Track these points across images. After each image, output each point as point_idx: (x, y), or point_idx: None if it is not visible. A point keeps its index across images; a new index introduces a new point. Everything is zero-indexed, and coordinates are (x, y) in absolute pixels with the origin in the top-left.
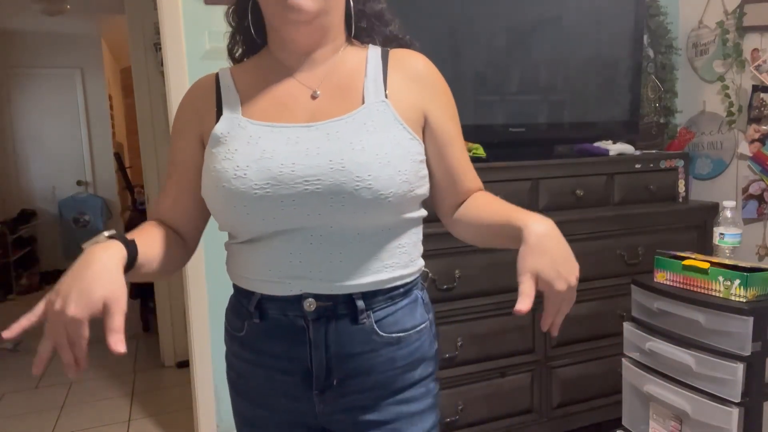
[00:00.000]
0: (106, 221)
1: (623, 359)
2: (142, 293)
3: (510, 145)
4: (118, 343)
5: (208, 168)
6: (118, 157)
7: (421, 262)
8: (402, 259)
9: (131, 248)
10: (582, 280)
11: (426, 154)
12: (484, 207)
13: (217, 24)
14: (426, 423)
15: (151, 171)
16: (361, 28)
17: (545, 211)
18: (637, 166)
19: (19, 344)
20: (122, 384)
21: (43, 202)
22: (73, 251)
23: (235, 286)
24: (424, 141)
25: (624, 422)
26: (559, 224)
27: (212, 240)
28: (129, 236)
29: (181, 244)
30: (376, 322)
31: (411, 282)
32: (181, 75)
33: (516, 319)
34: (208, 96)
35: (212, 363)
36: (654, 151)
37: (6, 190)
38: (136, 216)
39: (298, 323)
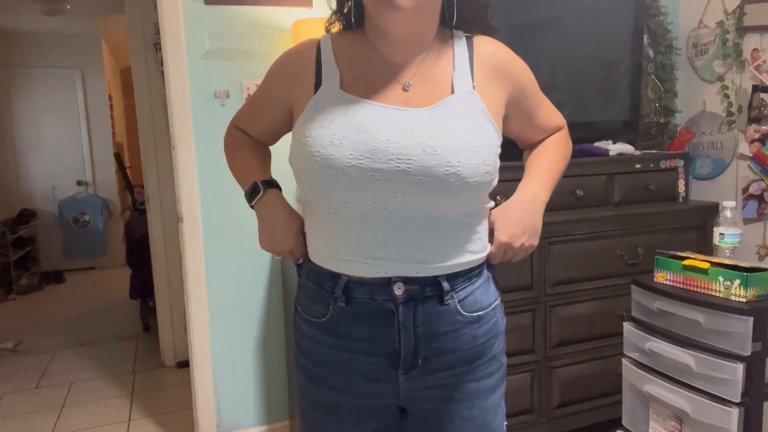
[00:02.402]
0: (105, 221)
1: (623, 359)
2: (142, 293)
3: (510, 145)
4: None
5: (301, 134)
6: (118, 157)
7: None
8: (478, 245)
9: (279, 187)
10: (582, 280)
11: (513, 121)
12: (529, 165)
13: (217, 24)
14: (498, 395)
15: (151, 171)
16: (463, 18)
17: (545, 211)
18: (637, 166)
19: (18, 344)
20: (122, 384)
21: (43, 202)
22: (73, 251)
23: (315, 272)
24: (511, 117)
25: (624, 422)
26: (559, 224)
27: (212, 240)
28: (256, 161)
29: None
30: (458, 302)
31: (483, 262)
32: (181, 75)
33: (516, 319)
34: (308, 63)
35: (212, 363)
36: (654, 151)
37: (6, 190)
38: (136, 216)
39: (386, 306)
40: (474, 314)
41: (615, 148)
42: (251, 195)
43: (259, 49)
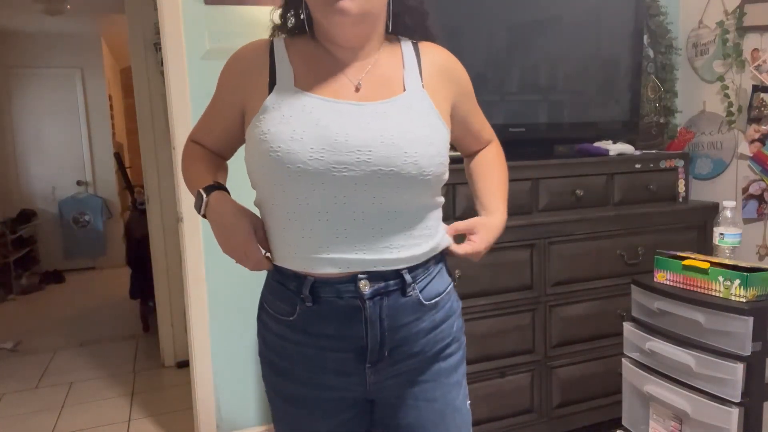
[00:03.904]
0: (105, 221)
1: (623, 359)
2: (142, 293)
3: (510, 145)
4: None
5: (260, 131)
6: (118, 157)
7: (443, 238)
8: (432, 237)
9: (225, 189)
10: (582, 280)
11: (454, 125)
12: (479, 175)
13: (217, 24)
14: (459, 373)
15: (151, 171)
16: (405, 25)
17: (545, 211)
18: (637, 166)
19: (18, 344)
20: (122, 384)
21: (43, 202)
22: (73, 251)
23: (279, 272)
24: (452, 120)
25: (624, 422)
26: (559, 224)
27: (212, 240)
28: (206, 171)
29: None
30: (419, 292)
31: (438, 252)
32: (181, 75)
33: (516, 319)
34: (261, 62)
35: (212, 363)
36: (654, 151)
37: (6, 190)
38: (136, 216)
39: (353, 304)
40: (432, 301)
41: (615, 148)
42: (197, 204)
43: None
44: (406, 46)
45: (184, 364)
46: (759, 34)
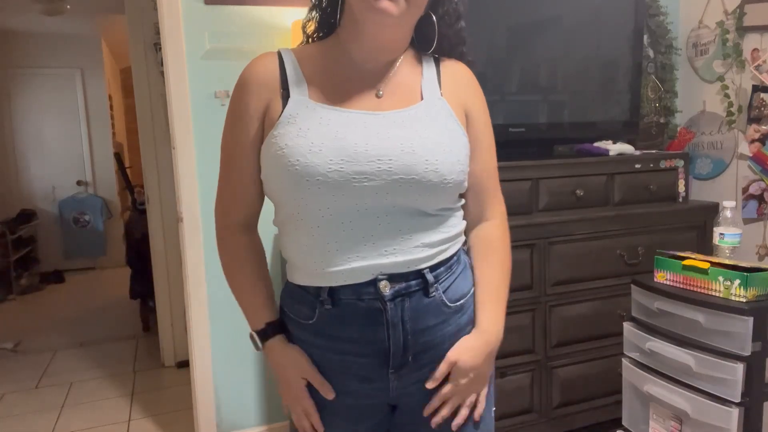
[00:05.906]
0: (105, 221)
1: (623, 359)
2: (142, 293)
3: (510, 145)
4: (327, 393)
5: (276, 147)
6: (118, 157)
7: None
8: (453, 235)
9: (282, 328)
10: (582, 280)
11: None
12: (477, 274)
13: (217, 24)
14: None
15: (151, 171)
16: (443, 47)
17: (545, 211)
18: (637, 166)
19: (18, 344)
20: (122, 384)
21: (43, 202)
22: (73, 251)
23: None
24: None
25: (624, 422)
26: (559, 224)
27: (212, 239)
28: (254, 291)
29: (261, 244)
30: (443, 293)
31: (459, 249)
32: (181, 75)
33: (516, 319)
34: (272, 76)
35: (212, 363)
36: (654, 151)
37: (6, 190)
38: (136, 216)
39: (374, 306)
40: (457, 303)
41: (615, 148)
42: (255, 344)
43: (259, 49)
44: (427, 58)
45: (184, 364)
46: (759, 34)
